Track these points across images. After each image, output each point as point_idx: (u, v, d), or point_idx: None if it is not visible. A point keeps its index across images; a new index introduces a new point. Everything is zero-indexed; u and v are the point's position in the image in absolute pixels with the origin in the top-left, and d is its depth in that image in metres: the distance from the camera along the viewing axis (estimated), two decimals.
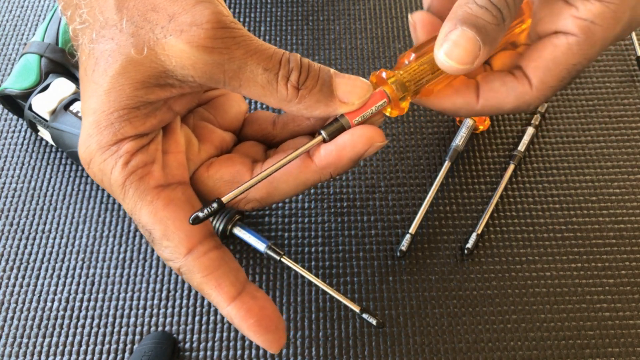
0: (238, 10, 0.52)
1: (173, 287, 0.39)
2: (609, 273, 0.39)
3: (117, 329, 0.38)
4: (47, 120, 0.41)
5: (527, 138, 0.44)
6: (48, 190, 0.43)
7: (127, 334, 0.37)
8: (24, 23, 0.52)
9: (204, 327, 0.38)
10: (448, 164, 0.42)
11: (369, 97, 0.26)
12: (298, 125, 0.30)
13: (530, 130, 0.44)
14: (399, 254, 0.40)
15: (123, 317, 0.38)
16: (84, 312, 0.38)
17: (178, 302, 0.39)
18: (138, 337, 0.37)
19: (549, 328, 0.37)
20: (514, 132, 0.45)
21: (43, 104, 0.41)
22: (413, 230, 0.40)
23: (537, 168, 0.43)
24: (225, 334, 0.38)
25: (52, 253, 0.40)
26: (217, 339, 0.37)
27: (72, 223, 0.42)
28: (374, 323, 0.36)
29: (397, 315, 0.38)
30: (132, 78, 0.24)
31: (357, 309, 0.36)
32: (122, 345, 0.37)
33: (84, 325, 0.38)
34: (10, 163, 0.44)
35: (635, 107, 0.46)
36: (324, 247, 0.40)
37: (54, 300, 0.39)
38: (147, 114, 0.25)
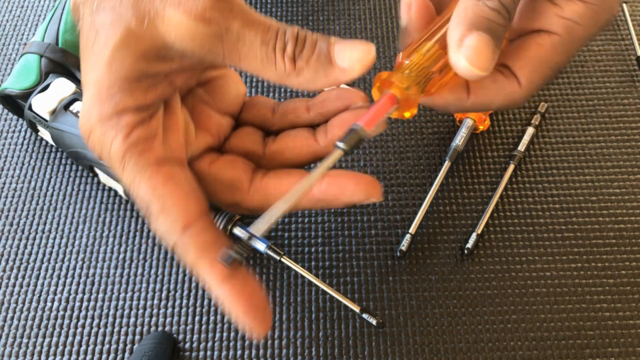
0: None
1: (173, 287, 0.39)
2: (609, 273, 0.39)
3: (117, 329, 0.38)
4: (47, 120, 0.41)
5: (527, 138, 0.44)
6: (48, 190, 0.43)
7: (127, 334, 0.37)
8: (24, 23, 0.52)
9: (204, 327, 0.38)
10: (448, 164, 0.42)
11: (380, 104, 0.26)
12: (297, 117, 0.30)
13: (530, 130, 0.44)
14: (399, 254, 0.40)
15: (123, 317, 0.38)
16: (84, 312, 0.38)
17: (178, 302, 0.39)
18: (138, 337, 0.37)
19: (549, 328, 0.37)
20: (514, 132, 0.45)
21: (43, 104, 0.41)
22: (413, 230, 0.40)
23: (537, 168, 0.43)
24: (225, 334, 0.38)
25: (52, 253, 0.40)
26: (217, 339, 0.37)
27: (72, 223, 0.42)
28: (374, 323, 0.36)
29: (397, 315, 0.38)
30: (133, 49, 0.24)
31: (357, 309, 0.36)
32: (122, 345, 0.37)
33: (84, 325, 0.38)
34: (10, 163, 0.44)
35: (635, 107, 0.46)
36: (324, 247, 0.40)
37: (54, 300, 0.39)
38: (148, 87, 0.25)
